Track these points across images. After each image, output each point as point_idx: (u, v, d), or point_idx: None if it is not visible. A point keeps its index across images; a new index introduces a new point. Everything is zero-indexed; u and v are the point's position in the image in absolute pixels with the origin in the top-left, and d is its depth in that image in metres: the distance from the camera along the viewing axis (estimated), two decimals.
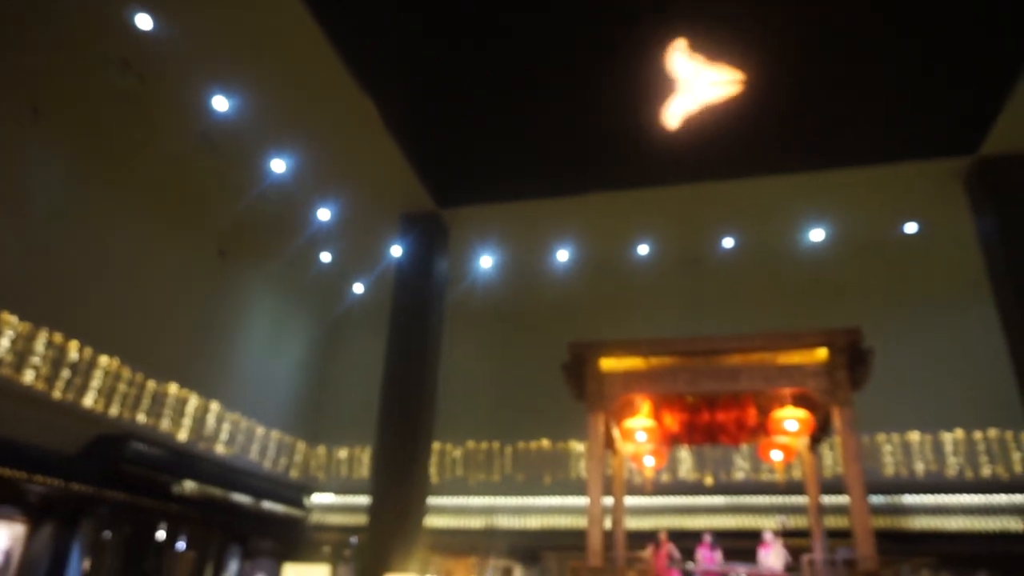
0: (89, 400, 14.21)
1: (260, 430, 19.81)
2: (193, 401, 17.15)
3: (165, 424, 16.24)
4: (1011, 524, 16.70)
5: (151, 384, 15.88)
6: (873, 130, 14.10)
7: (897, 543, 14.82)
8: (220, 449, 18.06)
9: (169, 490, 15.42)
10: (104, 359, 14.59)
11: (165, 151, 15.00)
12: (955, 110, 13.75)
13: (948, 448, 18.03)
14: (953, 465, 17.87)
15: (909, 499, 17.77)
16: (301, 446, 21.68)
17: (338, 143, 14.99)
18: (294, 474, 21.28)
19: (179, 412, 16.76)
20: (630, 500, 16.96)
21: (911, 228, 17.31)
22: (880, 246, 17.84)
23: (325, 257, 19.93)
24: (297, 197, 16.73)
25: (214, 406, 17.87)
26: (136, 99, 13.61)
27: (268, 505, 19.14)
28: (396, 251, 17.26)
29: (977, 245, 14.65)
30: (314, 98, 13.79)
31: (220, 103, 13.86)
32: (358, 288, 21.50)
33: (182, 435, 16.74)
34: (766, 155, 14.44)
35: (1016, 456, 17.44)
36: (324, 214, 17.38)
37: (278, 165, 15.56)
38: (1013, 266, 13.26)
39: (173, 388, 16.55)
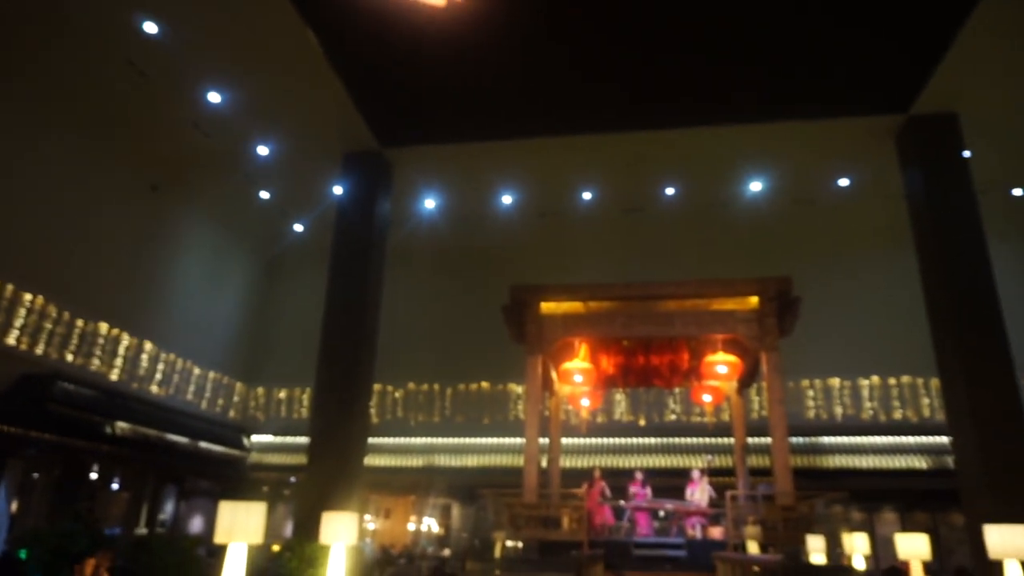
0: (12, 339, 13.70)
1: (197, 371, 19.50)
2: (125, 341, 16.72)
3: (96, 364, 15.83)
4: (916, 463, 18.09)
5: (80, 323, 15.38)
6: (812, 86, 14.34)
7: (813, 480, 15.80)
8: (155, 390, 17.75)
9: (101, 431, 15.14)
10: (28, 296, 14.03)
11: (91, 76, 14.13)
12: (890, 69, 14.09)
13: (865, 393, 19.21)
14: (868, 409, 19.07)
15: (827, 440, 18.93)
16: (240, 387, 21.47)
17: (278, 77, 14.38)
18: (232, 415, 21.12)
19: (111, 352, 16.34)
20: (566, 440, 17.55)
21: (844, 183, 17.89)
22: (814, 199, 18.41)
23: (264, 195, 19.36)
24: (235, 132, 16.08)
25: (148, 346, 17.47)
26: (56, 17, 12.72)
27: (205, 446, 19.01)
28: (338, 190, 16.91)
29: (903, 201, 15.25)
30: (253, 28, 13.11)
31: (150, 27, 13.09)
32: (298, 227, 21.06)
33: (114, 375, 16.36)
34: (708, 105, 14.56)
35: (925, 401, 18.76)
36: (263, 151, 16.82)
37: (214, 97, 14.90)
38: (935, 223, 13.88)
39: (104, 327, 16.07)
